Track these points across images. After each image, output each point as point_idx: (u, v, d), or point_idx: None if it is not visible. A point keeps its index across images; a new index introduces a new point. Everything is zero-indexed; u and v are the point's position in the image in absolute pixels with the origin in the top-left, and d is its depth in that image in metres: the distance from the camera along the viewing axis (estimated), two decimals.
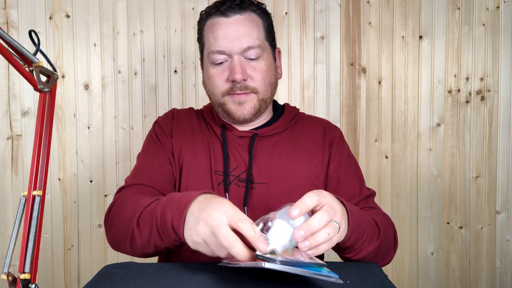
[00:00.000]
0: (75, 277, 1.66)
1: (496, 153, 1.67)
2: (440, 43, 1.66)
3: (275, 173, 0.95)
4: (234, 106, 0.94)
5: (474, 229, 1.69)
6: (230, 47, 0.91)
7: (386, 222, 0.90)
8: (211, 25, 0.93)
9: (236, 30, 0.91)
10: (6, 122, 1.63)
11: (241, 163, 0.96)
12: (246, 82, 0.92)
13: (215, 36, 0.92)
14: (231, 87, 0.92)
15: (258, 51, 0.92)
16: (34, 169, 0.65)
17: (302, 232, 0.62)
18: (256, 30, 0.93)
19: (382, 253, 0.87)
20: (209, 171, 0.95)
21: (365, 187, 1.01)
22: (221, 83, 0.93)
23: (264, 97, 0.95)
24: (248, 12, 0.93)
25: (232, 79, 0.91)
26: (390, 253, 0.91)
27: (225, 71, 0.93)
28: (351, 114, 1.66)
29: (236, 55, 0.91)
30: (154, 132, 1.03)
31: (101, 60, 1.63)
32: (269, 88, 0.96)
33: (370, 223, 0.82)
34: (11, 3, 1.60)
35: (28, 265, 0.62)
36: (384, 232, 0.84)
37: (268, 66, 0.95)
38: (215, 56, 0.92)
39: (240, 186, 0.94)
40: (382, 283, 0.67)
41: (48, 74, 0.68)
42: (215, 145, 0.98)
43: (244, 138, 0.99)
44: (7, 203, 1.64)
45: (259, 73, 0.93)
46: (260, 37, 0.93)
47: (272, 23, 1.00)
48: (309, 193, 0.66)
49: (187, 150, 0.98)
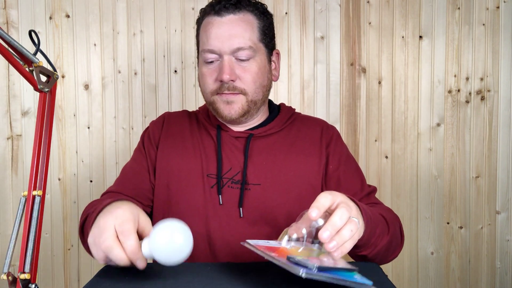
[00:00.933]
0: (75, 277, 1.66)
1: (496, 153, 1.67)
2: (440, 43, 1.66)
3: (270, 173, 0.94)
4: (222, 105, 0.94)
5: (474, 229, 1.69)
6: (220, 46, 0.91)
7: (392, 216, 0.90)
8: (206, 24, 0.94)
9: (228, 30, 0.91)
10: (6, 122, 1.63)
11: (235, 164, 0.95)
12: (235, 83, 0.92)
13: (207, 35, 0.92)
14: (219, 87, 0.92)
15: (249, 53, 0.92)
16: (34, 169, 0.65)
17: (328, 232, 0.61)
18: (249, 31, 0.92)
19: (393, 247, 0.87)
20: (201, 174, 0.95)
21: (366, 184, 1.01)
22: (211, 82, 0.93)
23: (253, 99, 0.94)
24: (243, 12, 0.92)
25: (220, 79, 0.91)
26: (398, 247, 0.92)
27: (215, 71, 0.93)
28: (351, 114, 1.66)
29: (226, 55, 0.91)
30: (142, 141, 1.05)
31: (101, 60, 1.63)
32: (260, 90, 0.95)
33: (380, 218, 0.82)
34: (11, 3, 1.60)
35: (28, 265, 0.62)
36: (392, 226, 0.85)
37: (260, 68, 0.94)
38: (206, 54, 0.93)
39: (234, 188, 0.93)
40: (382, 283, 0.67)
41: (48, 74, 0.68)
42: (209, 147, 0.98)
43: (240, 138, 0.98)
44: (7, 203, 1.64)
45: (249, 74, 0.92)
46: (252, 38, 0.92)
47: (272, 24, 0.99)
48: (322, 193, 0.65)
49: (176, 156, 0.98)
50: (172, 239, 0.62)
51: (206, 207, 0.93)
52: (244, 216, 0.92)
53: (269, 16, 0.98)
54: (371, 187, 1.00)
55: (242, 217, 0.92)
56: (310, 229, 0.64)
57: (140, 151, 1.04)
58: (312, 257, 0.60)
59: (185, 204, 0.94)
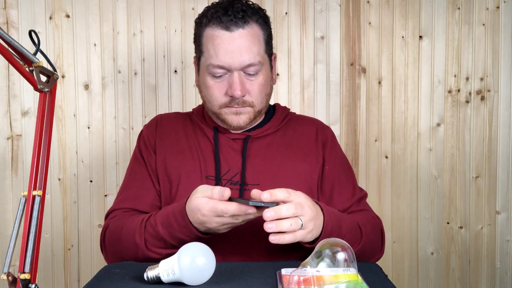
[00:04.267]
0: (75, 277, 1.66)
1: (496, 153, 1.67)
2: (440, 43, 1.66)
3: (268, 174, 0.95)
4: (230, 117, 0.95)
5: (474, 229, 1.69)
6: (231, 63, 0.90)
7: (373, 226, 0.93)
8: (212, 36, 0.92)
9: (238, 46, 0.90)
10: (6, 122, 1.63)
11: (233, 166, 0.96)
12: (244, 98, 0.93)
13: (216, 49, 0.91)
14: (229, 101, 0.94)
15: (258, 68, 0.93)
16: (34, 169, 0.65)
17: (272, 212, 0.70)
18: (257, 44, 0.93)
19: (367, 254, 0.89)
20: (200, 176, 0.95)
21: (357, 189, 1.02)
22: (219, 96, 0.94)
23: (259, 109, 0.97)
24: (250, 25, 0.92)
25: (231, 95, 0.92)
26: (375, 255, 0.94)
27: (224, 85, 0.93)
28: (351, 114, 1.66)
29: (236, 70, 0.91)
30: (139, 148, 1.03)
31: (101, 60, 1.63)
32: (265, 99, 0.98)
33: (353, 229, 0.85)
34: (11, 3, 1.60)
35: (28, 265, 0.62)
36: (366, 237, 0.87)
37: (266, 79, 0.96)
38: (215, 69, 0.92)
39: (233, 189, 0.94)
40: (382, 283, 0.67)
41: (48, 74, 0.68)
42: (206, 149, 0.98)
43: (237, 140, 0.99)
44: (7, 203, 1.64)
45: (257, 87, 0.94)
46: (260, 52, 0.93)
47: (271, 32, 1.00)
48: (285, 189, 0.74)
49: (174, 159, 0.98)
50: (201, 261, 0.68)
51: None
52: None
53: (269, 23, 0.99)
54: (362, 192, 1.02)
55: None
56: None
57: (138, 161, 1.02)
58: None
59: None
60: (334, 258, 0.68)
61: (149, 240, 0.84)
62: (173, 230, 0.81)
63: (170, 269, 0.66)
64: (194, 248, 0.68)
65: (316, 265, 0.68)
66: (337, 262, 0.68)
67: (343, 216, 0.86)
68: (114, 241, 0.91)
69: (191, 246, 0.68)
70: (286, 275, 0.69)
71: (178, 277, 0.66)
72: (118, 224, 0.92)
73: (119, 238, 0.89)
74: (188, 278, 0.66)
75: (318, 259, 0.68)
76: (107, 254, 0.94)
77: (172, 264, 0.66)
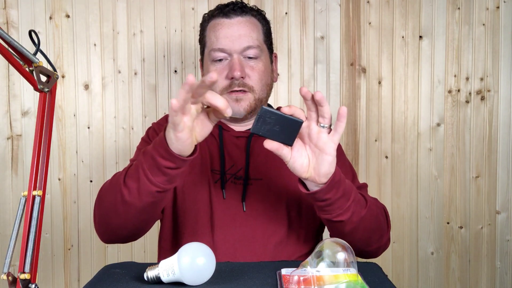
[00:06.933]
0: (75, 277, 1.66)
1: (496, 153, 1.67)
2: (440, 43, 1.66)
3: (271, 169, 0.98)
4: (231, 103, 0.96)
5: (474, 229, 1.69)
6: (230, 45, 0.96)
7: (376, 203, 0.92)
8: (214, 25, 0.99)
9: (237, 30, 0.96)
10: (6, 122, 1.63)
11: (237, 162, 0.98)
12: (244, 80, 0.96)
13: (217, 35, 0.97)
14: (229, 84, 0.96)
15: (257, 51, 0.97)
16: (34, 169, 0.65)
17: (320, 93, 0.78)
18: (256, 32, 0.99)
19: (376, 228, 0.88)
20: (205, 168, 0.98)
21: (357, 179, 1.03)
22: (220, 80, 0.96)
23: (260, 97, 0.99)
24: (249, 16, 0.99)
25: (231, 76, 0.95)
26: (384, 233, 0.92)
27: (225, 69, 0.96)
28: (351, 114, 1.66)
29: (236, 53, 0.96)
30: (148, 135, 1.04)
31: (101, 60, 1.63)
32: (265, 88, 1.00)
33: (357, 193, 0.84)
34: (11, 3, 1.60)
35: (28, 265, 0.62)
36: (371, 206, 0.86)
37: (265, 67, 1.00)
38: (216, 53, 0.97)
39: (237, 183, 0.97)
40: (382, 283, 0.67)
41: (48, 74, 0.68)
42: (212, 145, 1.01)
43: (241, 138, 1.02)
44: (7, 203, 1.64)
45: (257, 72, 0.97)
46: (259, 38, 0.99)
47: (270, 30, 1.05)
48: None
49: None
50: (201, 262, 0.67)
51: (210, 200, 0.96)
52: (247, 209, 0.95)
53: (268, 23, 1.05)
54: (362, 183, 1.03)
55: (245, 210, 0.95)
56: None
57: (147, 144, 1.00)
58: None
59: (191, 197, 0.97)
60: (334, 258, 0.68)
61: (128, 173, 0.82)
62: (150, 152, 0.77)
63: (170, 269, 0.66)
64: (194, 248, 0.68)
65: (316, 265, 0.68)
66: (337, 262, 0.68)
67: (349, 182, 0.85)
68: (102, 192, 0.89)
69: (191, 246, 0.68)
70: (286, 275, 0.69)
71: (178, 277, 0.66)
72: (106, 182, 0.91)
73: (105, 187, 0.88)
74: (188, 278, 0.66)
75: (318, 259, 0.68)
76: (99, 208, 0.90)
77: (172, 264, 0.66)
